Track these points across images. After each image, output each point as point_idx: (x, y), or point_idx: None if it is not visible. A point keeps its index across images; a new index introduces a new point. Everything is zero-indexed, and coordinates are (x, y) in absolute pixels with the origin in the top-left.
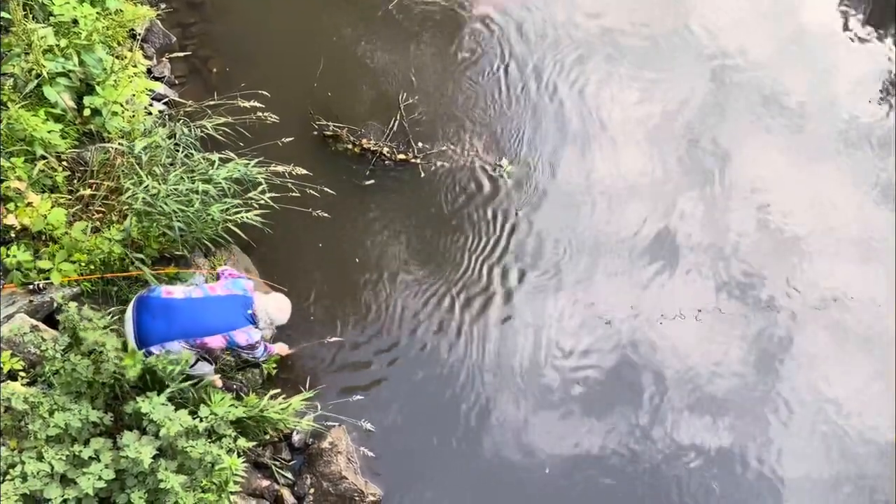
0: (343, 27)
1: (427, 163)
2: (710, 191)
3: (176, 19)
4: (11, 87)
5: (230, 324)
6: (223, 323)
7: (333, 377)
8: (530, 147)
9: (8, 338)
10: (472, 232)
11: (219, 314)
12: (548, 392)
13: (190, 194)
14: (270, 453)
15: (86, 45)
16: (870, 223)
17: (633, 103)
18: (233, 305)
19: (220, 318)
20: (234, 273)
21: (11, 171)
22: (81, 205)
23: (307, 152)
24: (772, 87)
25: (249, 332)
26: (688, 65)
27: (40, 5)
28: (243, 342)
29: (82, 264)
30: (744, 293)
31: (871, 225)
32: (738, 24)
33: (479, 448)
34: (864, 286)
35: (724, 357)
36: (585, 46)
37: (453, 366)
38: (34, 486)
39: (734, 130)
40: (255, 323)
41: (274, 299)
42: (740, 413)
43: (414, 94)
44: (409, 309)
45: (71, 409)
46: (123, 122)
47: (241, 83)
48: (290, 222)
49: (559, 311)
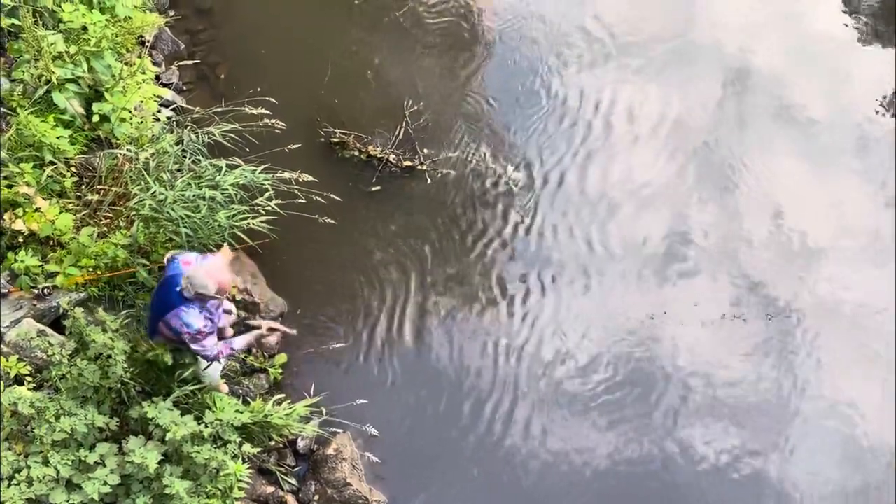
0: (350, 35)
1: (433, 169)
2: (725, 197)
3: (184, 26)
4: (21, 93)
5: (167, 305)
6: (162, 305)
7: (338, 382)
8: (538, 154)
9: (15, 342)
10: (478, 238)
11: (159, 296)
12: (558, 398)
13: (197, 200)
14: (275, 459)
15: (95, 52)
16: (885, 229)
17: (645, 110)
18: (170, 284)
19: (160, 300)
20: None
21: (20, 177)
22: (89, 210)
23: (314, 159)
24: (786, 94)
25: (180, 314)
26: (701, 72)
27: (50, 12)
28: (178, 327)
29: (89, 269)
30: (759, 299)
31: (886, 231)
32: (751, 31)
33: (485, 453)
34: (878, 292)
35: (739, 363)
36: (596, 52)
37: (459, 371)
38: (40, 490)
39: (748, 137)
40: (185, 302)
41: (207, 263)
42: (756, 419)
43: (420, 101)
44: (414, 314)
45: (77, 413)
46: (132, 129)
47: (249, 90)
48: (296, 229)
49: (570, 317)
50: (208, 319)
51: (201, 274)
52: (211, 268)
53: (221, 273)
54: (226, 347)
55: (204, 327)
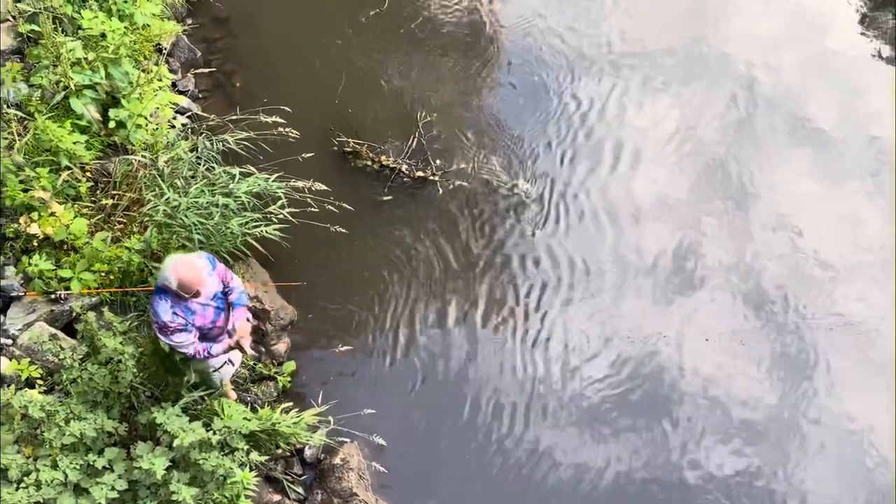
0: (365, 45)
1: (445, 180)
2: (736, 212)
3: (202, 34)
4: (39, 98)
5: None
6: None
7: (347, 391)
8: (550, 167)
9: (27, 345)
10: (488, 250)
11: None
12: (567, 412)
13: (210, 207)
14: (282, 467)
15: (113, 59)
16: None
17: (658, 123)
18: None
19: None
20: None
21: (36, 181)
22: (103, 215)
23: (326, 168)
24: (801, 109)
25: (153, 302)
26: (714, 85)
27: (69, 19)
28: (151, 315)
29: (102, 274)
30: (769, 316)
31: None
32: (767, 46)
33: (493, 465)
34: (891, 310)
35: (748, 380)
36: (610, 65)
37: (468, 382)
38: (48, 494)
39: (761, 152)
40: (160, 293)
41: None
42: (763, 437)
43: (433, 112)
44: (424, 324)
45: (87, 417)
46: (147, 135)
47: (264, 98)
48: (308, 237)
49: (581, 331)
50: (178, 316)
51: (169, 266)
52: (180, 263)
53: (189, 271)
54: (204, 349)
55: (170, 322)
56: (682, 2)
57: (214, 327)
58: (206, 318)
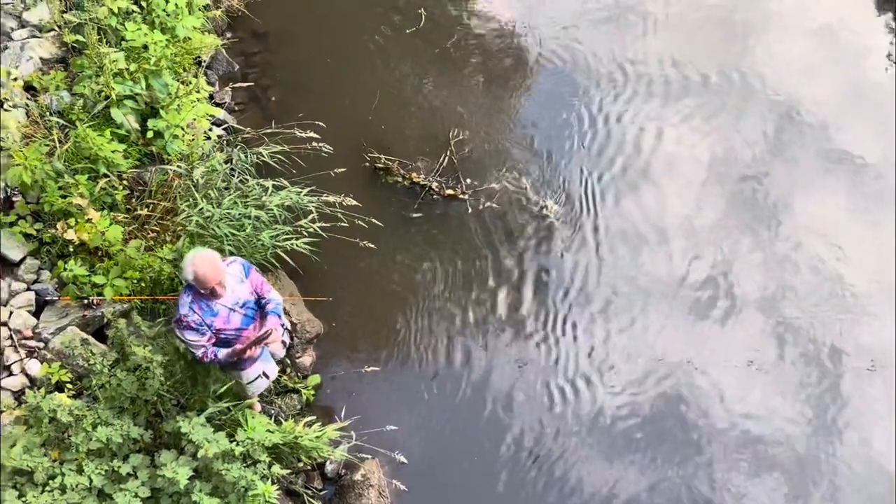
0: (399, 62)
1: (475, 199)
2: (766, 237)
3: (240, 48)
4: (81, 106)
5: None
6: None
7: (370, 406)
8: (580, 188)
9: (59, 349)
10: (516, 270)
11: None
12: (592, 435)
13: (242, 219)
14: (303, 481)
15: (154, 70)
16: None
17: (691, 148)
18: None
19: None
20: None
21: (75, 188)
22: (138, 223)
23: (358, 183)
24: (834, 133)
25: (180, 297)
26: (747, 107)
27: (113, 30)
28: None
29: (134, 281)
30: (797, 344)
31: None
32: (803, 72)
33: (517, 486)
34: None
35: (773, 409)
36: (641, 86)
37: (493, 402)
38: (72, 499)
39: (793, 176)
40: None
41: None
42: (787, 468)
43: (465, 131)
44: (449, 343)
45: (113, 423)
46: (183, 146)
47: (299, 113)
48: (337, 251)
49: (606, 353)
50: (195, 313)
51: (189, 259)
52: (199, 257)
53: (207, 266)
54: (211, 352)
55: (185, 316)
56: (718, 29)
57: (241, 336)
58: (231, 323)
